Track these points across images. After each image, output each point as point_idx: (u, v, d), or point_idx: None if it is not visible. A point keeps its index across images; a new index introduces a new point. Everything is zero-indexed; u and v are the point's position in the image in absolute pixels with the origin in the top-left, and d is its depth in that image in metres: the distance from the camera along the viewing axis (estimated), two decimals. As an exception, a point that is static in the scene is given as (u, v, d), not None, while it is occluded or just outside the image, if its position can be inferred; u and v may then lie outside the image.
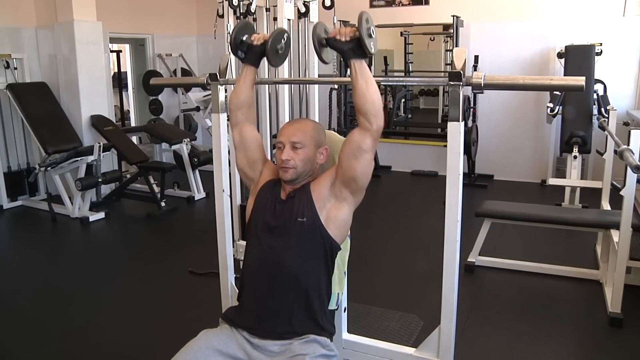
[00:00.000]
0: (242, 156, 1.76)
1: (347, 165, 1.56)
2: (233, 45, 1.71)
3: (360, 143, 1.52)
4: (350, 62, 1.52)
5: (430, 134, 6.58)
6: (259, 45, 1.70)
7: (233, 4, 2.70)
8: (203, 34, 7.36)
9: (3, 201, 5.00)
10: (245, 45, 1.72)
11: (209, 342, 1.56)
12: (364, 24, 1.48)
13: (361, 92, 1.50)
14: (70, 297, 3.17)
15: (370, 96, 1.50)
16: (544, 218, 3.32)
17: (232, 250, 2.06)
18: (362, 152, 1.53)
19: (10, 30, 5.19)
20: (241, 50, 1.73)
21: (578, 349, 2.56)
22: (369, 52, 1.49)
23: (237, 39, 1.71)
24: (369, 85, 1.50)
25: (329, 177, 1.62)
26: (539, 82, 1.45)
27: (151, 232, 4.53)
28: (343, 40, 1.51)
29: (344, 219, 1.62)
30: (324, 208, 1.60)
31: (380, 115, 1.52)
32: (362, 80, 1.50)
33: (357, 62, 1.51)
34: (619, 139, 2.86)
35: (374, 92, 1.51)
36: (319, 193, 1.61)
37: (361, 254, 3.02)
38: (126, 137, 5.30)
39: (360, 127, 1.53)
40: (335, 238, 1.61)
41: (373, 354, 1.92)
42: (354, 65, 1.51)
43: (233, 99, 1.74)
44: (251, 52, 1.72)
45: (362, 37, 1.47)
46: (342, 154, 1.57)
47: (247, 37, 1.72)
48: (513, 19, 5.62)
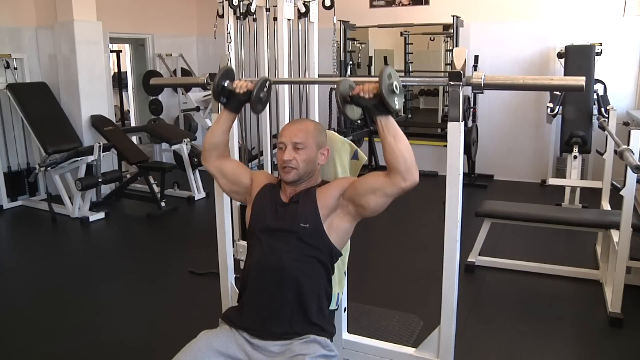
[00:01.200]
0: (225, 182, 1.78)
1: (362, 194, 1.55)
2: (215, 92, 1.72)
3: (386, 189, 1.50)
4: (376, 118, 1.49)
5: (430, 134, 6.57)
6: (242, 94, 1.71)
7: (233, 4, 2.70)
8: (203, 34, 7.36)
9: (3, 201, 5.00)
10: (227, 91, 1.73)
11: (209, 343, 1.56)
12: (385, 80, 1.44)
13: (390, 148, 1.47)
14: (70, 297, 3.17)
15: (400, 152, 1.46)
16: (544, 218, 3.32)
17: (232, 250, 2.06)
18: (383, 195, 1.51)
19: (10, 30, 5.18)
20: (223, 96, 1.74)
21: (578, 349, 2.56)
22: (392, 109, 1.46)
23: (219, 85, 1.71)
24: (398, 140, 1.47)
25: (338, 188, 1.61)
26: (539, 82, 1.45)
27: (151, 232, 4.53)
28: (367, 97, 1.48)
29: (346, 229, 1.63)
30: (328, 216, 1.60)
31: (414, 170, 1.47)
32: (390, 136, 1.47)
33: (383, 118, 1.48)
34: (619, 139, 2.86)
35: (404, 147, 1.47)
36: (325, 201, 1.60)
37: (361, 254, 3.02)
38: (126, 137, 5.29)
39: (391, 176, 1.49)
40: (336, 245, 1.61)
41: (373, 354, 1.92)
42: (380, 121, 1.48)
43: (209, 141, 1.75)
44: (234, 100, 1.73)
45: (383, 94, 1.43)
46: (363, 183, 1.55)
47: (228, 84, 1.73)
48: (513, 19, 5.62)
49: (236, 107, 1.76)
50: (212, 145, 1.75)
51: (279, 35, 2.63)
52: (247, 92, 1.70)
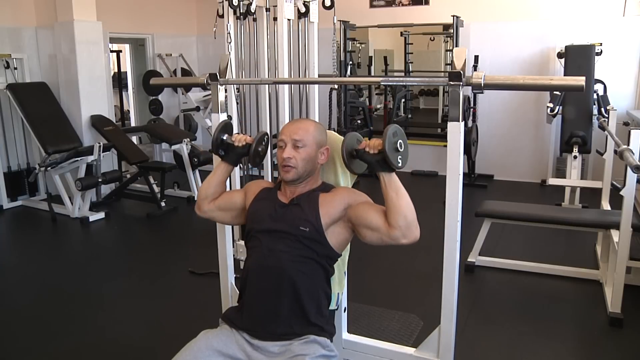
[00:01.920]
0: (224, 215, 1.81)
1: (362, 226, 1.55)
2: (214, 145, 1.76)
3: (384, 237, 1.50)
4: (379, 174, 1.51)
5: (430, 134, 6.58)
6: (241, 147, 1.74)
7: (233, 4, 2.70)
8: (203, 34, 7.36)
9: (3, 201, 5.00)
10: (225, 144, 1.77)
11: (209, 343, 1.56)
12: (390, 138, 1.46)
13: (392, 204, 1.48)
14: (70, 297, 3.17)
15: (401, 209, 1.47)
16: (544, 218, 3.32)
17: (232, 250, 2.06)
18: (380, 240, 1.52)
19: (10, 30, 5.18)
20: (222, 149, 1.77)
21: (578, 349, 2.56)
22: (394, 166, 1.48)
23: (218, 139, 1.75)
24: (400, 197, 1.48)
25: (343, 203, 1.61)
26: (539, 82, 1.45)
27: (151, 232, 4.53)
28: (372, 152, 1.50)
29: (346, 237, 1.64)
30: (329, 225, 1.60)
31: (414, 228, 1.48)
32: (392, 192, 1.49)
33: (386, 174, 1.50)
34: (619, 139, 2.86)
35: (405, 204, 1.48)
36: (328, 211, 1.60)
37: (361, 254, 3.01)
38: (126, 137, 5.29)
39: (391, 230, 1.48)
40: (335, 249, 1.62)
41: (373, 354, 1.92)
42: (382, 177, 1.50)
43: (204, 191, 1.78)
44: (232, 153, 1.77)
45: (386, 152, 1.45)
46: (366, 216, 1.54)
47: (227, 137, 1.77)
48: (513, 19, 5.62)
49: (234, 161, 1.80)
50: (207, 195, 1.78)
51: (279, 35, 2.63)
52: (245, 146, 1.74)
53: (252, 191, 1.76)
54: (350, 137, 1.59)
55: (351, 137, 1.59)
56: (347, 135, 1.59)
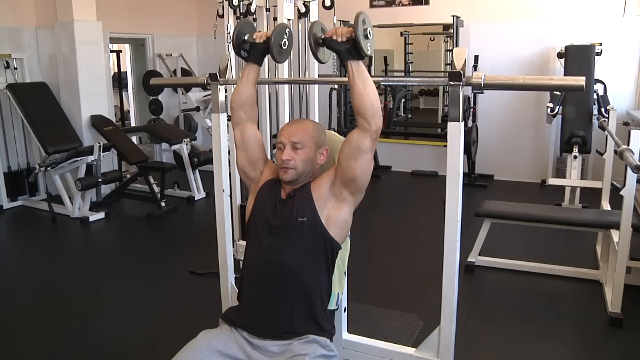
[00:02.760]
0: (243, 156, 1.75)
1: (346, 166, 1.56)
2: (235, 45, 1.70)
3: (359, 144, 1.52)
4: (347, 62, 1.51)
5: (430, 134, 6.58)
6: (262, 42, 1.68)
7: (233, 4, 2.70)
8: (203, 34, 7.36)
9: (3, 201, 5.00)
10: (247, 44, 1.71)
11: (209, 343, 1.56)
12: (360, 24, 1.46)
13: (359, 93, 1.50)
14: (70, 297, 3.17)
15: (368, 97, 1.49)
16: (544, 218, 3.32)
17: (232, 250, 2.06)
18: (361, 152, 1.53)
19: (10, 30, 5.18)
20: (244, 50, 1.72)
21: (578, 349, 2.56)
22: (365, 53, 1.48)
23: (239, 39, 1.70)
24: (367, 86, 1.50)
25: (329, 178, 1.62)
26: (539, 82, 1.45)
27: (151, 232, 4.53)
28: (339, 40, 1.50)
29: (344, 219, 1.62)
30: (324, 208, 1.60)
31: (379, 116, 1.52)
32: (360, 81, 1.50)
33: (354, 62, 1.50)
34: (619, 139, 2.86)
35: (372, 93, 1.50)
36: (319, 193, 1.60)
37: (361, 254, 3.03)
38: (126, 137, 5.29)
39: (358, 127, 1.53)
40: (335, 238, 1.61)
41: (373, 354, 1.92)
42: (350, 66, 1.50)
43: (235, 97, 1.73)
44: (254, 51, 1.71)
45: (358, 38, 1.45)
46: (342, 154, 1.57)
47: (248, 36, 1.71)
48: (513, 19, 5.62)
49: (257, 59, 1.73)
50: (239, 102, 1.72)
51: (279, 35, 2.62)
52: (267, 41, 1.68)
53: (265, 176, 1.74)
54: (315, 24, 1.57)
55: (317, 24, 1.58)
56: (312, 24, 1.58)
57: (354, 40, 1.47)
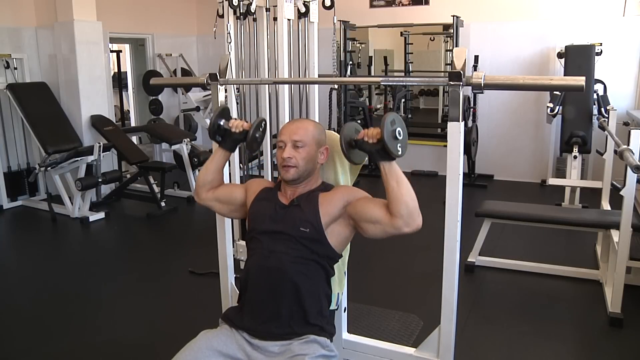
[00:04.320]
0: (222, 207, 1.80)
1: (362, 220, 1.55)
2: (211, 131, 1.74)
3: (386, 228, 1.50)
4: (379, 163, 1.50)
5: (430, 134, 6.57)
6: (238, 133, 1.73)
7: (233, 4, 2.70)
8: (203, 34, 7.36)
9: (3, 201, 5.00)
10: (222, 130, 1.75)
11: (209, 343, 1.56)
12: (388, 126, 1.45)
13: (393, 193, 1.48)
14: (70, 297, 3.17)
15: (402, 197, 1.47)
16: (544, 218, 3.32)
17: (232, 250, 2.06)
18: (383, 232, 1.52)
19: (10, 30, 5.18)
20: (219, 135, 1.75)
21: (578, 349, 2.56)
22: (394, 155, 1.47)
23: (215, 125, 1.73)
24: (401, 186, 1.48)
25: (342, 200, 1.60)
26: (539, 82, 1.45)
27: (151, 232, 4.53)
28: (371, 142, 1.49)
29: (346, 237, 1.63)
30: (330, 224, 1.60)
31: (417, 216, 1.47)
32: (393, 181, 1.48)
33: (386, 164, 1.49)
34: (619, 139, 2.86)
35: (406, 193, 1.47)
36: (327, 210, 1.60)
37: (361, 254, 3.01)
38: (126, 137, 5.29)
39: (393, 219, 1.48)
40: (336, 249, 1.62)
41: (373, 354, 1.92)
42: (383, 167, 1.50)
43: (202, 177, 1.78)
44: (229, 139, 1.75)
45: (385, 142, 1.44)
46: (367, 210, 1.54)
47: (224, 122, 1.75)
48: (513, 19, 5.62)
49: (231, 147, 1.78)
50: (205, 182, 1.78)
51: (279, 35, 2.62)
52: (243, 132, 1.73)
53: (252, 190, 1.76)
54: (348, 127, 1.57)
55: (349, 127, 1.57)
56: (345, 126, 1.58)
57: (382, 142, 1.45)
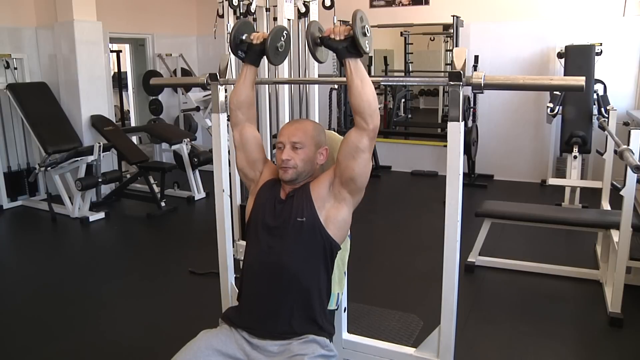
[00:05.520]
0: (242, 156, 1.75)
1: (345, 166, 1.55)
2: (233, 45, 1.70)
3: (358, 143, 1.52)
4: (345, 61, 1.50)
5: (430, 134, 6.58)
6: (259, 44, 1.68)
7: (233, 4, 2.70)
8: (203, 34, 7.36)
9: (3, 201, 5.00)
10: (245, 44, 1.71)
11: (209, 343, 1.56)
12: (358, 22, 1.46)
13: (357, 92, 1.49)
14: (70, 297, 3.17)
15: (366, 96, 1.49)
16: (544, 218, 3.32)
17: (232, 250, 2.06)
18: (359, 151, 1.53)
19: (10, 30, 5.18)
20: (241, 50, 1.71)
21: (578, 349, 2.56)
22: (363, 51, 1.48)
23: (236, 39, 1.70)
24: (365, 84, 1.49)
25: (328, 177, 1.62)
26: (539, 82, 1.45)
27: (151, 232, 4.53)
28: (337, 39, 1.50)
29: (343, 219, 1.62)
30: (324, 208, 1.60)
31: (377, 115, 1.52)
32: (358, 79, 1.49)
33: (352, 61, 1.50)
34: (619, 139, 2.86)
35: (370, 92, 1.50)
36: (318, 193, 1.60)
37: (361, 254, 3.02)
38: (126, 137, 5.29)
39: (356, 126, 1.53)
40: (334, 238, 1.60)
41: (373, 354, 1.92)
42: (349, 64, 1.50)
43: (233, 98, 1.73)
44: (251, 52, 1.71)
45: (356, 36, 1.45)
46: (340, 154, 1.57)
47: (246, 36, 1.71)
48: (513, 19, 5.62)
49: (254, 60, 1.73)
50: (238, 102, 1.73)
51: (279, 35, 2.62)
52: (263, 42, 1.67)
53: (264, 176, 1.74)
54: (313, 24, 1.57)
55: (314, 24, 1.57)
56: (309, 23, 1.57)
57: (352, 38, 1.46)
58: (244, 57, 1.73)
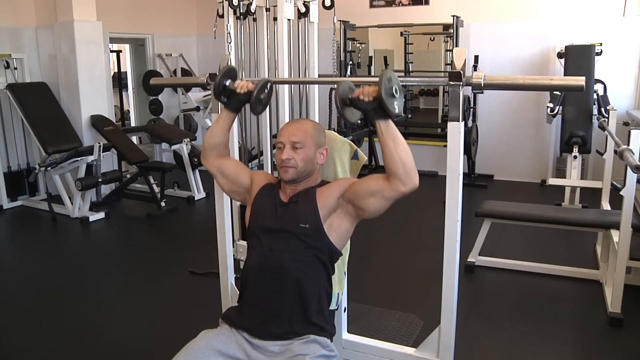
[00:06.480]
0: (224, 181, 1.78)
1: (361, 197, 1.54)
2: (216, 91, 1.71)
3: (385, 193, 1.49)
4: (375, 122, 1.47)
5: (430, 134, 6.57)
6: (243, 94, 1.70)
7: (233, 4, 2.70)
8: (203, 34, 7.36)
9: (3, 201, 5.00)
10: (228, 91, 1.72)
11: (209, 343, 1.56)
12: (386, 83, 1.42)
13: (389, 153, 1.46)
14: (69, 297, 3.17)
15: (399, 156, 1.45)
16: (544, 218, 3.32)
17: (232, 250, 2.06)
18: (382, 198, 1.51)
19: (10, 30, 5.18)
20: (224, 96, 1.73)
21: (578, 349, 2.56)
22: (392, 113, 1.44)
23: (220, 85, 1.70)
24: (397, 144, 1.46)
25: (338, 189, 1.61)
26: (539, 82, 1.45)
27: (151, 232, 4.53)
28: (366, 100, 1.46)
29: (346, 230, 1.63)
30: (328, 217, 1.60)
31: (413, 174, 1.46)
32: (390, 140, 1.46)
33: (382, 122, 1.47)
34: (619, 139, 2.86)
35: (403, 152, 1.45)
36: (325, 202, 1.60)
37: (361, 254, 3.02)
38: (126, 137, 5.29)
39: (390, 181, 1.47)
40: (336, 244, 1.61)
41: (373, 354, 1.92)
42: (379, 125, 1.47)
43: (208, 140, 1.75)
44: (234, 100, 1.72)
45: (382, 98, 1.41)
46: (363, 185, 1.55)
47: (230, 83, 1.72)
48: (513, 19, 5.62)
49: (236, 107, 1.75)
50: (212, 145, 1.75)
51: (279, 35, 2.63)
52: (247, 93, 1.69)
53: (257, 183, 1.75)
54: (343, 85, 1.53)
55: (344, 85, 1.53)
56: (340, 84, 1.53)
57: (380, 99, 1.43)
58: (225, 103, 1.74)
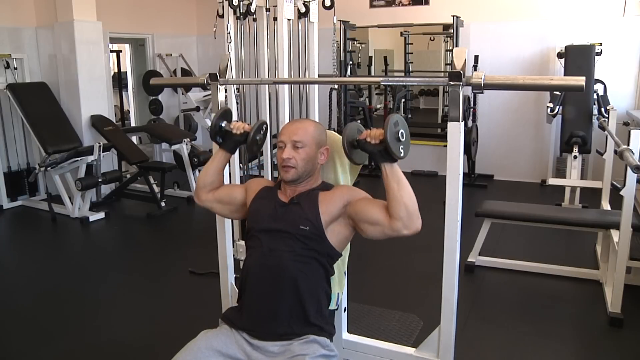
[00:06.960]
0: (222, 207, 1.81)
1: (362, 221, 1.55)
2: (212, 132, 1.74)
3: (385, 230, 1.50)
4: (381, 164, 1.51)
5: (430, 134, 6.57)
6: (239, 134, 1.73)
7: (233, 4, 2.70)
8: (203, 34, 7.36)
9: (3, 201, 5.00)
10: (223, 132, 1.75)
11: (209, 343, 1.56)
12: (392, 127, 1.45)
13: (393, 195, 1.48)
14: (69, 297, 3.17)
15: (402, 200, 1.47)
16: (544, 218, 3.32)
17: (232, 250, 2.06)
18: (382, 233, 1.52)
19: (10, 30, 5.18)
20: (220, 136, 1.76)
21: (578, 349, 2.56)
22: (397, 157, 1.48)
23: (216, 126, 1.74)
24: (401, 187, 1.48)
25: (342, 200, 1.61)
26: (539, 82, 1.45)
27: (151, 232, 4.53)
28: (373, 142, 1.50)
29: (346, 236, 1.64)
30: (330, 222, 1.60)
31: (416, 219, 1.47)
32: (394, 182, 1.49)
33: (388, 165, 1.50)
34: (619, 139, 2.86)
35: (407, 195, 1.47)
36: (327, 209, 1.60)
37: (361, 254, 3.02)
38: (126, 137, 5.29)
39: (392, 221, 1.48)
40: (335, 247, 1.61)
41: (373, 354, 1.92)
42: (384, 167, 1.50)
43: (202, 179, 1.78)
44: (230, 140, 1.76)
45: (388, 142, 1.44)
46: (366, 211, 1.55)
47: (226, 124, 1.75)
48: (513, 19, 5.62)
49: (232, 148, 1.79)
50: (206, 184, 1.78)
51: (279, 35, 2.62)
52: (244, 134, 1.73)
53: (252, 189, 1.76)
54: (350, 127, 1.57)
55: (352, 127, 1.58)
56: (347, 126, 1.58)
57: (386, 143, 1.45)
58: (221, 144, 1.77)
